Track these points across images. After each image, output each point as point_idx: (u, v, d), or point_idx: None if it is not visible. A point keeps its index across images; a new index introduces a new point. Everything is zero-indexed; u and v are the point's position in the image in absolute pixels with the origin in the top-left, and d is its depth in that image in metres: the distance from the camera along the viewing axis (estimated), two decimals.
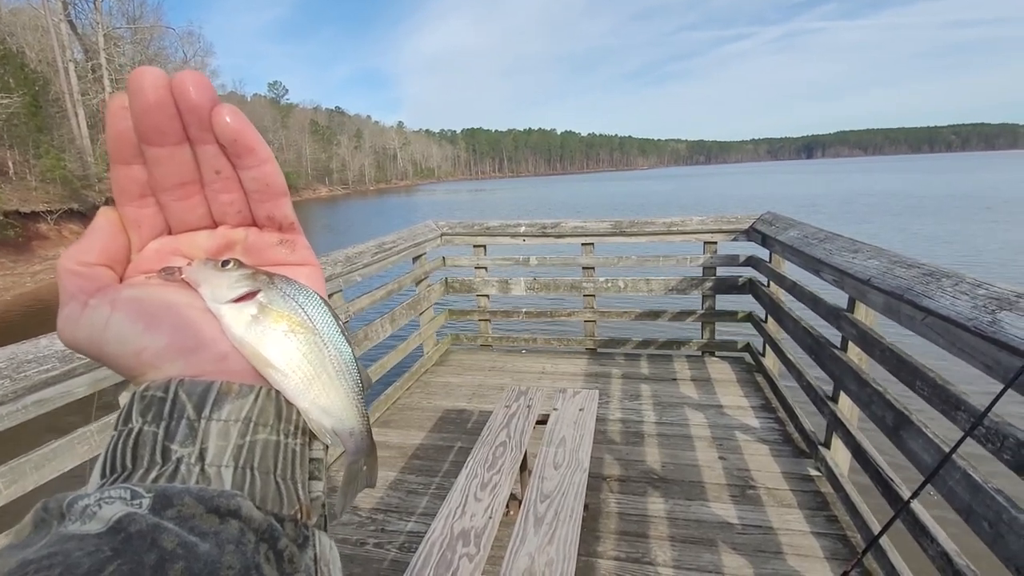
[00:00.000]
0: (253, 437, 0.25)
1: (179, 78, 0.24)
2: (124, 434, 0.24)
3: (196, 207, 0.28)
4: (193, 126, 0.25)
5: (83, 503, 0.20)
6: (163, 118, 0.25)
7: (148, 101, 0.24)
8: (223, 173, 0.27)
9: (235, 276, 0.27)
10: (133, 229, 0.28)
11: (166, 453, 0.23)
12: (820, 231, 2.96)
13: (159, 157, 0.26)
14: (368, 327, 3.33)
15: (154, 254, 0.29)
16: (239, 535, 0.21)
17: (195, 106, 0.25)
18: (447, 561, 1.44)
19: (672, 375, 3.81)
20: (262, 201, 0.28)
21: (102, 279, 0.27)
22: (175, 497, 0.21)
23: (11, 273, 18.56)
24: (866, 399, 2.15)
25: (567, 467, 1.88)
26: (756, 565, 2.04)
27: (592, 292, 4.23)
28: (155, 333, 0.26)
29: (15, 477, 1.50)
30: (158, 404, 0.24)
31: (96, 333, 0.26)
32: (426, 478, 2.73)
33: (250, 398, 0.26)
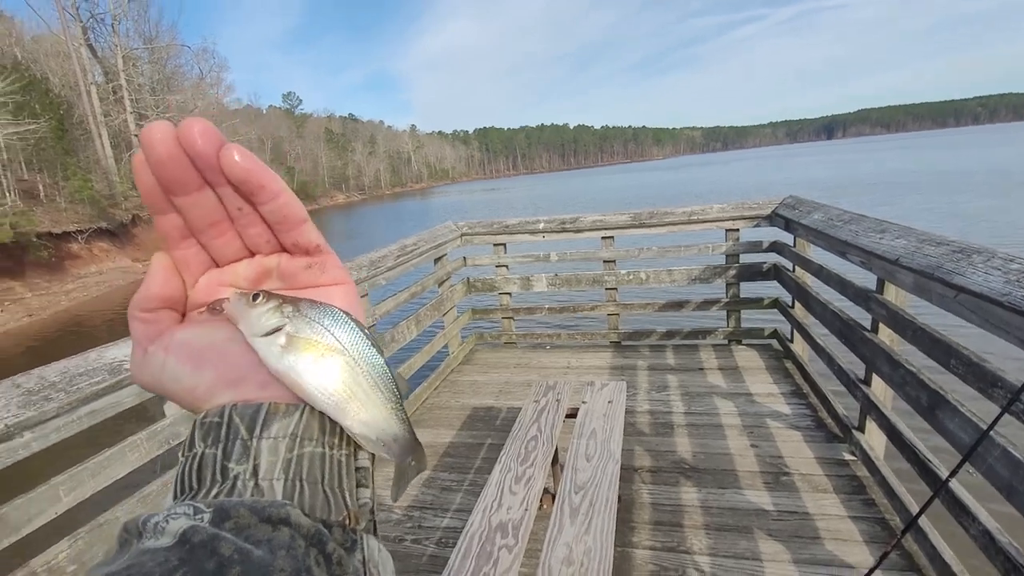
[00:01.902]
0: (300, 451, 0.27)
1: (184, 128, 0.26)
2: (190, 459, 0.27)
3: (231, 242, 0.31)
4: (206, 171, 0.27)
5: (154, 520, 0.23)
6: (178, 169, 0.26)
7: (160, 156, 0.26)
8: (244, 210, 0.29)
9: (263, 310, 0.29)
10: (183, 269, 0.31)
11: (225, 471, 0.26)
12: (845, 213, 2.92)
13: (186, 204, 0.28)
14: (395, 329, 3.39)
15: (205, 287, 0.32)
16: (290, 541, 0.23)
17: (203, 153, 0.26)
18: (487, 553, 1.48)
19: (699, 365, 3.79)
20: (284, 231, 0.30)
21: (164, 322, 0.31)
22: (231, 510, 0.23)
23: (47, 292, 19.21)
24: (899, 380, 2.12)
25: (599, 458, 1.90)
26: (793, 551, 2.03)
27: (614, 285, 4.23)
28: (202, 371, 0.29)
29: (74, 485, 1.58)
30: (215, 429, 0.27)
31: (156, 375, 0.29)
32: (459, 475, 2.77)
33: (295, 416, 0.28)
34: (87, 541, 1.58)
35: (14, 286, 18.64)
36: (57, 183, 25.49)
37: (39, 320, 16.94)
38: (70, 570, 1.53)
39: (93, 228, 23.41)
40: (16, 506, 1.43)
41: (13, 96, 23.05)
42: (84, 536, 1.58)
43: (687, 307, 4.21)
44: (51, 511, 1.51)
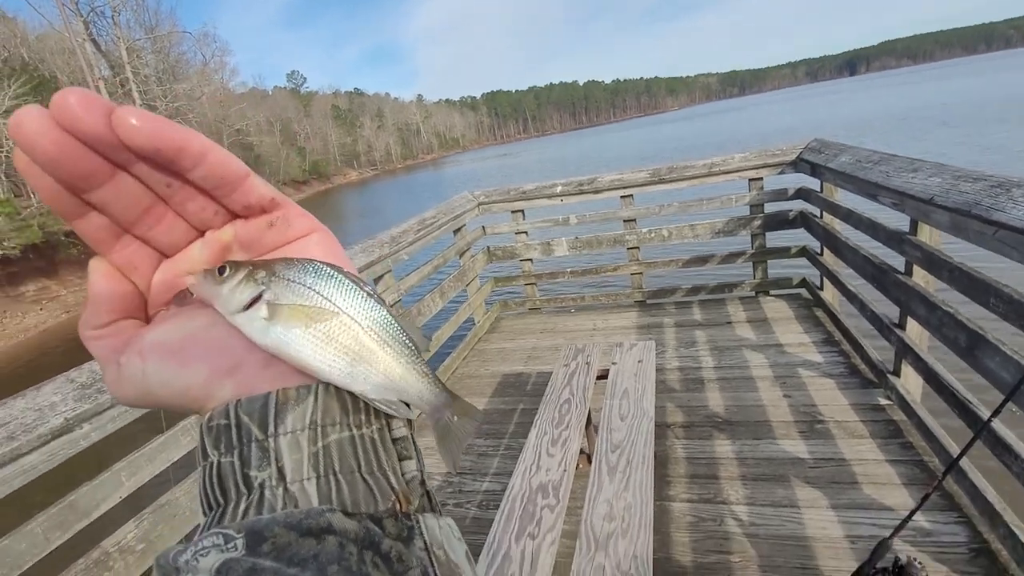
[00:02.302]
0: (325, 441, 0.24)
1: (59, 106, 0.20)
2: (207, 469, 0.24)
3: (174, 225, 0.27)
4: (109, 152, 0.22)
5: (184, 558, 0.20)
6: (76, 162, 0.22)
7: (48, 152, 0.21)
8: (174, 184, 0.25)
9: (234, 283, 0.25)
10: (129, 271, 0.27)
11: (247, 481, 0.23)
12: (874, 153, 2.82)
13: (104, 199, 0.24)
14: (420, 303, 3.43)
15: (162, 284, 0.28)
16: (339, 551, 0.20)
17: (94, 131, 0.21)
18: (529, 513, 1.52)
19: (727, 319, 3.77)
20: (227, 195, 0.26)
21: (124, 332, 0.27)
22: (265, 530, 0.20)
23: (80, 289, 19.85)
24: (936, 322, 2.08)
25: (633, 417, 1.92)
26: (831, 496, 2.05)
27: (636, 244, 4.19)
28: (191, 367, 0.25)
29: (133, 470, 1.67)
30: (226, 433, 0.24)
31: (140, 387, 0.26)
32: (494, 440, 2.84)
33: (309, 401, 0.25)
34: (151, 521, 1.67)
35: (49, 285, 19.29)
36: None
37: (76, 316, 17.50)
38: (139, 548, 1.62)
39: None
40: (83, 493, 1.52)
41: (26, 98, 23.32)
42: (148, 517, 1.67)
43: (712, 261, 4.15)
44: (115, 495, 1.60)
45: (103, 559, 1.52)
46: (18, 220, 19.65)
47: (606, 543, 1.38)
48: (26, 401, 1.49)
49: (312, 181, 57.66)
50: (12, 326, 16.44)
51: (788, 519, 1.98)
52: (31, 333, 16.21)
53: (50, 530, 1.43)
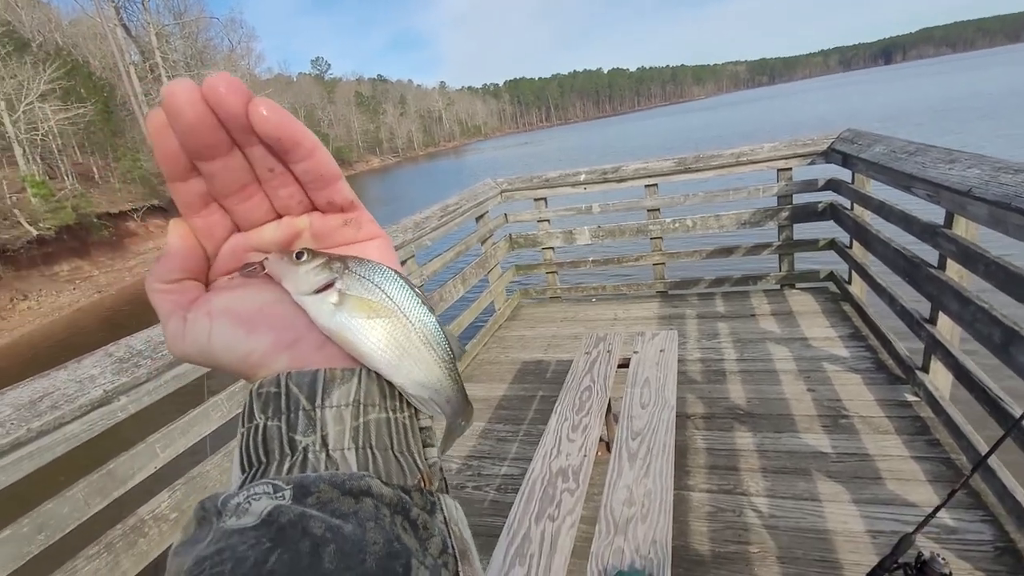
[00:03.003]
0: (365, 418, 0.26)
1: (210, 87, 0.23)
2: (252, 431, 0.26)
3: (259, 204, 0.29)
4: (236, 131, 0.25)
5: (235, 501, 0.22)
6: (208, 133, 0.24)
7: (189, 120, 0.24)
8: (276, 170, 0.27)
9: (311, 267, 0.28)
10: (205, 237, 0.29)
11: (293, 444, 0.25)
12: (909, 144, 2.74)
13: (213, 170, 0.26)
14: (442, 288, 3.46)
15: (230, 254, 0.30)
16: (375, 511, 0.22)
17: (233, 112, 0.24)
18: (549, 496, 1.54)
19: (750, 311, 3.72)
20: (318, 189, 0.29)
21: (190, 292, 0.29)
22: (311, 485, 0.22)
23: (111, 270, 20.45)
24: (969, 318, 2.03)
25: (654, 406, 1.92)
26: (854, 491, 2.03)
27: (659, 234, 4.15)
28: (258, 335, 0.27)
29: (167, 442, 1.73)
30: (274, 400, 0.26)
31: (202, 344, 0.27)
32: (513, 426, 2.86)
33: (353, 382, 0.27)
34: (184, 492, 1.73)
35: (82, 265, 19.91)
36: (109, 164, 26.66)
37: (108, 296, 18.12)
38: (172, 517, 1.69)
39: (147, 206, 24.50)
40: (121, 462, 1.59)
41: (60, 82, 23.92)
42: (181, 487, 1.74)
43: (736, 253, 4.09)
44: (151, 466, 1.66)
45: (139, 526, 1.59)
46: (53, 202, 20.25)
47: (625, 527, 1.40)
48: (68, 373, 1.55)
49: None
50: (47, 304, 17.02)
51: (809, 512, 1.97)
52: (65, 312, 16.78)
53: (90, 496, 1.50)
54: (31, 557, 1.35)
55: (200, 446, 1.91)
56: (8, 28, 25.38)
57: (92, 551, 1.49)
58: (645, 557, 1.29)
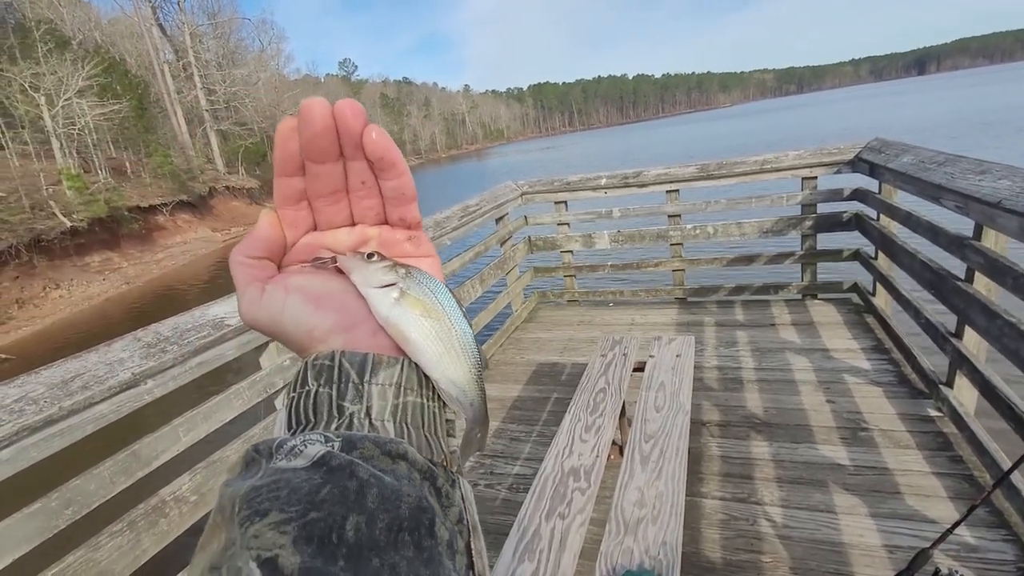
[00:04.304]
0: (404, 399, 0.30)
1: (339, 108, 0.29)
2: (303, 395, 0.29)
3: (342, 210, 0.34)
4: (348, 146, 0.30)
5: (290, 444, 0.25)
6: (327, 142, 0.30)
7: (316, 129, 0.29)
8: (368, 183, 0.32)
9: (380, 267, 0.32)
10: (289, 227, 0.34)
11: (340, 409, 0.28)
12: (939, 154, 2.69)
13: (319, 172, 0.31)
14: (460, 288, 3.49)
15: (304, 247, 0.34)
16: (408, 473, 0.26)
17: (352, 131, 0.30)
18: (560, 494, 1.55)
19: (770, 320, 3.68)
20: (397, 206, 0.34)
21: (267, 269, 0.33)
22: (358, 442, 0.25)
23: (140, 262, 20.98)
24: (996, 332, 1.99)
25: (668, 410, 1.91)
26: (871, 504, 2.00)
27: (679, 240, 4.13)
28: (323, 313, 0.31)
29: (190, 427, 1.78)
30: (327, 371, 0.30)
31: (275, 314, 0.31)
32: (527, 427, 2.87)
33: (397, 367, 0.31)
34: (204, 476, 1.78)
35: (112, 257, 20.47)
36: (141, 160, 27.38)
37: (136, 288, 18.59)
38: (192, 499, 1.74)
39: (175, 201, 25.10)
40: (145, 443, 1.64)
41: (97, 79, 24.68)
42: (202, 471, 1.78)
43: (758, 261, 4.05)
44: (173, 449, 1.71)
45: (160, 506, 1.64)
46: (86, 194, 20.86)
47: (635, 528, 1.40)
48: (98, 356, 1.60)
49: None
50: (78, 294, 17.53)
51: (824, 524, 1.94)
52: (95, 301, 17.25)
53: (116, 475, 1.55)
54: (58, 531, 1.40)
55: (218, 435, 1.96)
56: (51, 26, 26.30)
57: (116, 528, 1.54)
58: (654, 558, 1.29)
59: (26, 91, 22.14)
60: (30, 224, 18.23)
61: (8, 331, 14.58)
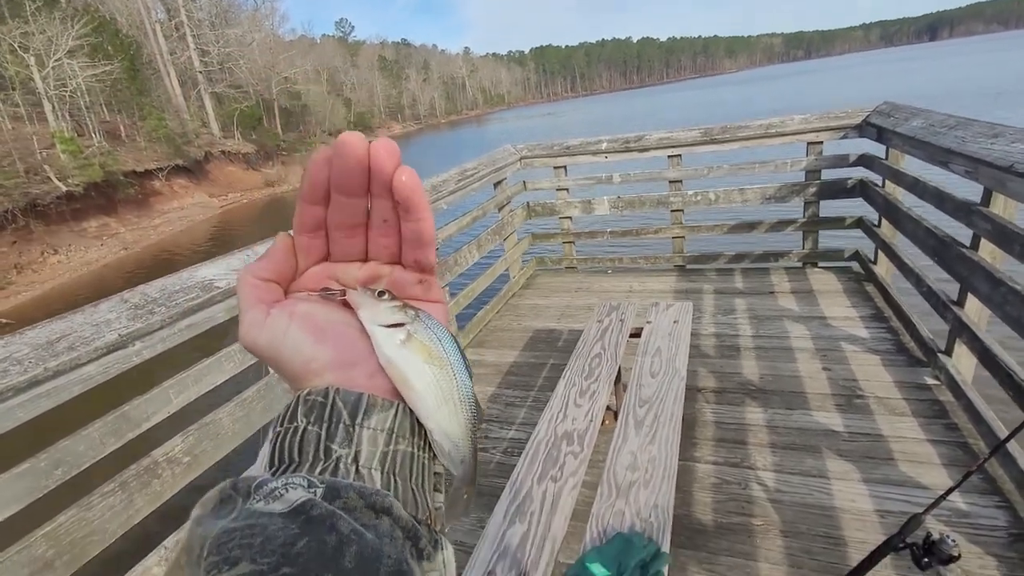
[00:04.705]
0: (395, 447, 0.28)
1: (375, 147, 0.29)
2: (290, 431, 0.28)
3: (358, 244, 0.33)
4: (377, 184, 0.30)
5: (271, 485, 0.23)
6: (358, 176, 0.30)
7: (350, 163, 0.29)
8: (389, 222, 0.32)
9: (390, 306, 0.32)
10: (302, 254, 0.33)
11: (328, 452, 0.27)
12: (949, 118, 2.61)
13: (343, 204, 0.31)
14: (457, 253, 3.45)
15: (314, 276, 0.34)
16: (391, 530, 0.24)
17: (384, 170, 0.30)
18: (553, 457, 1.54)
19: (769, 288, 3.64)
20: (414, 248, 0.33)
21: (274, 293, 0.32)
22: (342, 490, 0.24)
23: (137, 227, 20.83)
24: (999, 299, 1.96)
25: (664, 375, 1.90)
26: (864, 470, 2.00)
27: (680, 207, 4.06)
28: (324, 346, 0.30)
29: (180, 389, 1.76)
30: (319, 408, 0.28)
31: (276, 339, 0.30)
32: (523, 392, 2.87)
33: (391, 412, 0.29)
34: (196, 437, 1.77)
35: (109, 222, 20.31)
36: (135, 123, 26.90)
37: (134, 253, 18.52)
38: (185, 461, 1.73)
39: (171, 165, 24.76)
40: (135, 405, 1.62)
41: (88, 39, 24.02)
42: (194, 433, 1.78)
43: (759, 228, 3.99)
44: (164, 411, 1.70)
45: (153, 467, 1.64)
46: (81, 158, 20.57)
47: (627, 491, 1.39)
48: (84, 316, 1.57)
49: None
50: (76, 259, 17.48)
51: (816, 488, 1.95)
52: (93, 267, 17.22)
53: (105, 436, 1.54)
54: (48, 491, 1.40)
55: (211, 397, 1.95)
56: None
57: (107, 488, 1.54)
58: (646, 520, 1.29)
59: (15, 51, 21.59)
60: (25, 188, 18.03)
61: (8, 296, 14.59)
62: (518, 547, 1.26)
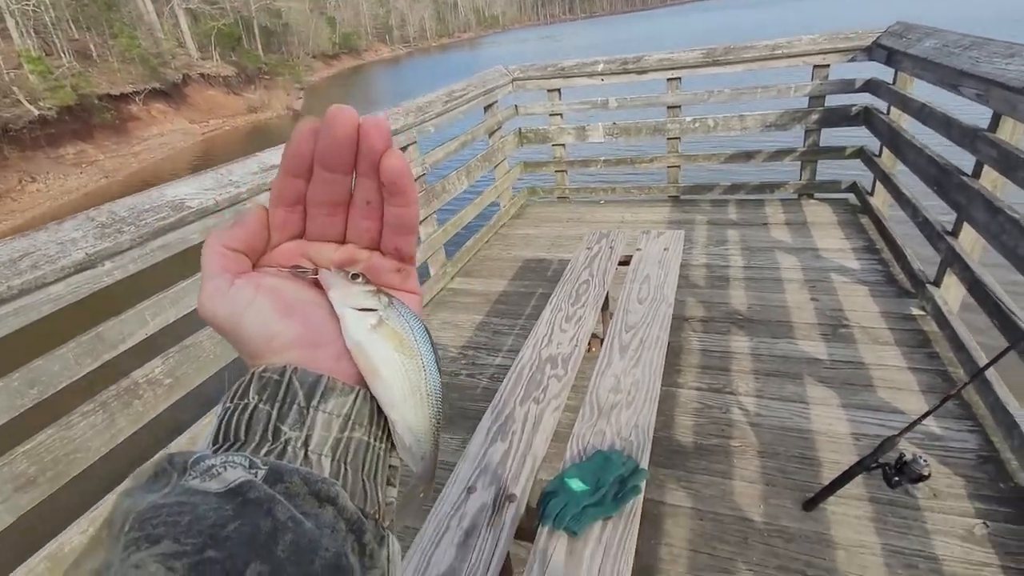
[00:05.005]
0: (350, 434, 0.27)
1: (366, 124, 0.28)
2: (240, 408, 0.26)
3: (337, 224, 0.32)
4: (364, 163, 0.29)
5: (208, 463, 0.22)
6: (345, 152, 0.28)
7: (338, 137, 0.27)
8: (372, 204, 0.31)
9: (363, 289, 0.30)
10: (277, 228, 0.31)
11: (277, 433, 0.25)
12: (964, 38, 2.46)
13: (327, 179, 0.29)
14: (445, 180, 3.33)
15: (286, 252, 0.32)
16: (333, 521, 0.22)
17: (373, 149, 0.28)
18: (536, 380, 1.54)
19: (763, 220, 3.59)
20: (395, 235, 0.31)
21: (241, 264, 0.30)
22: (286, 474, 0.22)
23: (116, 155, 20.09)
24: (996, 229, 1.92)
25: (652, 301, 1.88)
26: (843, 396, 2.04)
27: (677, 134, 3.91)
28: (290, 323, 0.29)
29: (157, 311, 1.72)
30: (274, 386, 0.27)
31: (238, 311, 0.28)
32: (511, 320, 2.87)
33: (351, 397, 0.28)
34: (176, 360, 1.75)
35: (87, 149, 19.54)
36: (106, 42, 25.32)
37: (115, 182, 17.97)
38: (166, 383, 1.72)
39: (148, 89, 23.58)
40: (110, 326, 1.58)
41: None
42: (174, 356, 1.76)
43: (757, 158, 3.87)
44: (141, 332, 1.66)
45: (133, 388, 1.62)
46: (51, 79, 19.51)
47: (609, 412, 1.40)
48: (48, 235, 1.50)
49: (342, 56, 54.71)
50: (56, 187, 16.97)
51: (795, 413, 1.99)
52: (74, 196, 16.75)
53: (80, 356, 1.51)
54: (24, 409, 1.38)
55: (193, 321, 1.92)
56: None
57: (87, 408, 1.53)
58: (626, 440, 1.30)
59: None
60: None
61: None
62: (499, 464, 1.27)
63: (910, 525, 1.54)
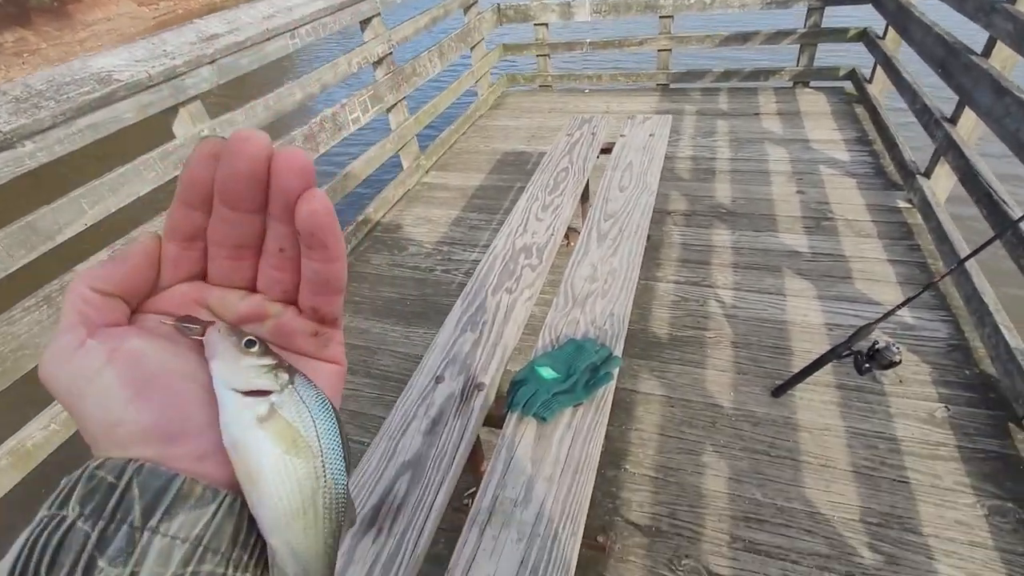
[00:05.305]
0: (196, 567, 0.20)
1: (281, 159, 0.22)
2: (53, 524, 0.19)
3: (244, 269, 0.26)
4: (276, 204, 0.23)
5: None
6: (249, 189, 0.23)
7: (240, 171, 0.22)
8: (287, 253, 0.25)
9: (256, 364, 0.23)
10: (169, 266, 0.25)
11: (89, 568, 0.19)
12: None
13: (227, 217, 0.24)
14: (415, 61, 3.04)
15: (180, 295, 0.26)
16: None
17: (286, 190, 0.22)
18: (510, 270, 1.47)
19: (755, 110, 3.40)
20: (314, 293, 0.25)
21: (111, 313, 0.23)
22: None
23: (59, 43, 18.24)
24: (1000, 112, 1.81)
25: (633, 189, 1.77)
26: (820, 288, 2.02)
27: (670, 12, 3.58)
28: (141, 407, 0.22)
29: (96, 199, 1.58)
30: (105, 492, 0.20)
31: (79, 383, 0.22)
32: (487, 215, 2.76)
33: (209, 510, 0.21)
34: None
35: (26, 35, 17.67)
36: None
37: None
38: None
39: None
40: (42, 214, 1.44)
41: None
42: (120, 247, 1.63)
43: (753, 40, 3.59)
44: (79, 222, 1.53)
45: None
46: None
47: (584, 301, 1.35)
48: None
49: None
50: None
51: (770, 304, 1.98)
52: None
53: (12, 247, 1.38)
54: None
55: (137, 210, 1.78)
56: None
57: (29, 303, 1.43)
58: (600, 328, 1.26)
59: None
60: None
61: None
62: (468, 354, 1.23)
63: (874, 409, 1.58)
